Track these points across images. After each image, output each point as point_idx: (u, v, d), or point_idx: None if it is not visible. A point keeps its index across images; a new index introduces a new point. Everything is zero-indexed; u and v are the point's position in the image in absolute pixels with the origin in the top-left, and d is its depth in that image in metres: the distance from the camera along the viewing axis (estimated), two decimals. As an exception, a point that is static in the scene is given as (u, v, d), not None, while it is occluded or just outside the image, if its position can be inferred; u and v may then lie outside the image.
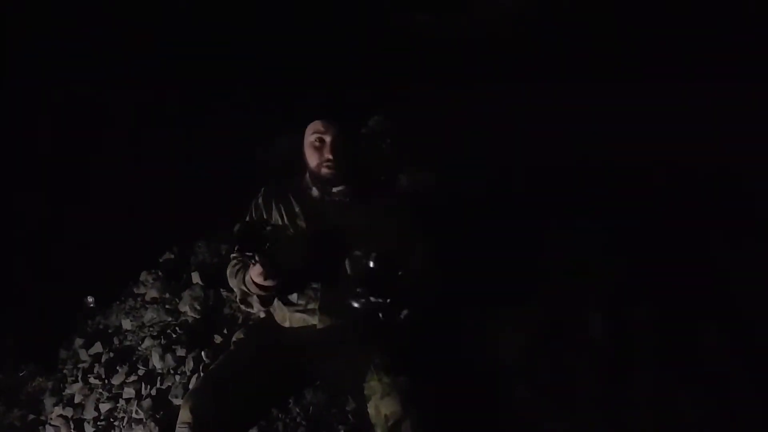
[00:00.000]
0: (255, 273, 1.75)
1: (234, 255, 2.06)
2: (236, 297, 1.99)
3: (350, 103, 2.15)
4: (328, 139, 1.89)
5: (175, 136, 4.03)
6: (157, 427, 2.23)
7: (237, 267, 1.98)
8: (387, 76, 4.42)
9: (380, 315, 1.58)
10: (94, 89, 3.81)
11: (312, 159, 1.93)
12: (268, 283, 1.76)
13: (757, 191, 2.77)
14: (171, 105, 4.07)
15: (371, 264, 1.54)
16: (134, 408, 2.35)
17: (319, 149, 1.91)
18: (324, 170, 1.90)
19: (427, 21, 5.09)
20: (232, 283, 1.99)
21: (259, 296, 1.89)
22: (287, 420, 2.16)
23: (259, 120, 4.06)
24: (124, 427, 2.32)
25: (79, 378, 2.63)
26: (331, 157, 1.88)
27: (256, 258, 1.67)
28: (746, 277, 2.36)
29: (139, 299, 3.01)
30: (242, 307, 1.98)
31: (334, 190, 1.95)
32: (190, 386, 2.35)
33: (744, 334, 2.17)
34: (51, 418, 2.48)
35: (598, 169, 3.08)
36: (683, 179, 2.97)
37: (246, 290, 1.90)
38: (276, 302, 1.92)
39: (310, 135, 1.92)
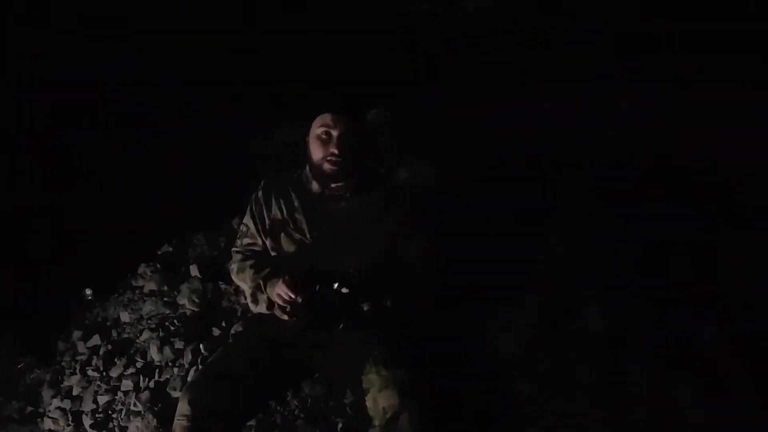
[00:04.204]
0: (283, 291, 1.77)
1: (237, 249, 2.06)
2: (245, 292, 1.99)
3: (350, 97, 2.13)
4: (335, 133, 1.85)
5: (174, 129, 4.02)
6: (155, 420, 2.24)
7: (250, 261, 1.97)
8: (388, 68, 4.41)
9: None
10: (93, 84, 3.80)
11: (316, 152, 1.88)
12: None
13: (757, 186, 2.78)
14: (169, 99, 4.06)
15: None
16: (132, 400, 2.35)
17: (325, 143, 1.86)
18: (327, 165, 1.86)
19: (430, 10, 5.06)
20: (240, 277, 1.98)
21: (270, 299, 1.89)
22: (285, 413, 2.17)
23: (259, 114, 4.05)
24: (122, 419, 2.33)
25: (78, 370, 2.62)
26: (336, 152, 1.84)
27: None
28: (746, 272, 2.36)
29: (137, 292, 3.01)
30: (249, 302, 1.97)
31: (334, 185, 1.94)
32: (189, 379, 2.36)
33: (743, 329, 2.18)
34: (49, 411, 2.48)
35: (598, 165, 3.08)
36: (684, 175, 2.97)
37: (261, 288, 1.90)
38: None
39: (318, 127, 1.88)
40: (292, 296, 1.73)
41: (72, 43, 3.67)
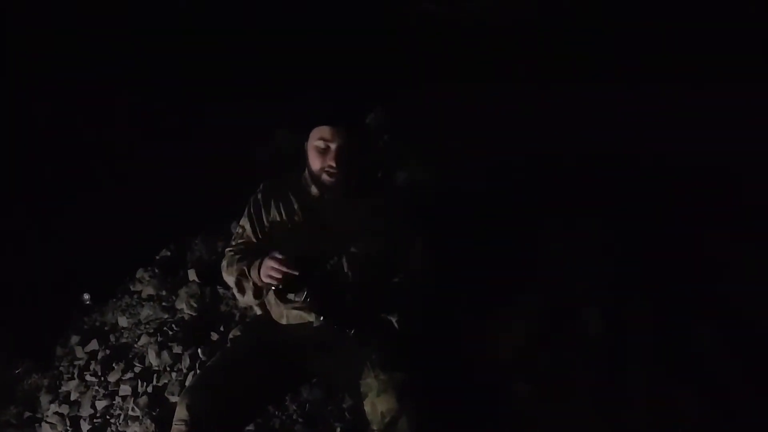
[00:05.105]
0: (269, 264, 1.72)
1: (230, 249, 2.05)
2: (232, 285, 1.98)
3: (349, 100, 2.12)
4: (333, 146, 1.84)
5: (172, 133, 4.02)
6: (153, 425, 2.23)
7: (238, 256, 1.96)
8: (388, 69, 4.40)
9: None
10: (92, 87, 3.80)
11: (314, 162, 1.89)
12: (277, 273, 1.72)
13: (757, 188, 2.77)
14: (168, 102, 4.05)
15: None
16: (130, 405, 2.35)
17: (322, 154, 1.86)
18: (325, 176, 1.87)
19: (429, 10, 5.04)
20: (229, 271, 1.97)
21: (256, 286, 1.87)
22: (284, 417, 2.16)
23: (257, 117, 4.04)
24: (120, 424, 2.32)
25: (76, 375, 2.63)
26: (334, 165, 1.84)
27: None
28: (744, 273, 2.36)
29: (135, 296, 3.00)
30: (235, 292, 1.96)
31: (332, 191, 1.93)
32: (187, 383, 2.35)
33: (741, 330, 2.17)
34: (47, 416, 2.48)
35: (598, 165, 3.07)
36: (683, 176, 2.96)
37: (245, 274, 1.88)
38: (273, 299, 1.91)
39: (316, 139, 1.87)
40: (285, 269, 1.68)
41: (72, 43, 3.67)
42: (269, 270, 1.71)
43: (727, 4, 4.06)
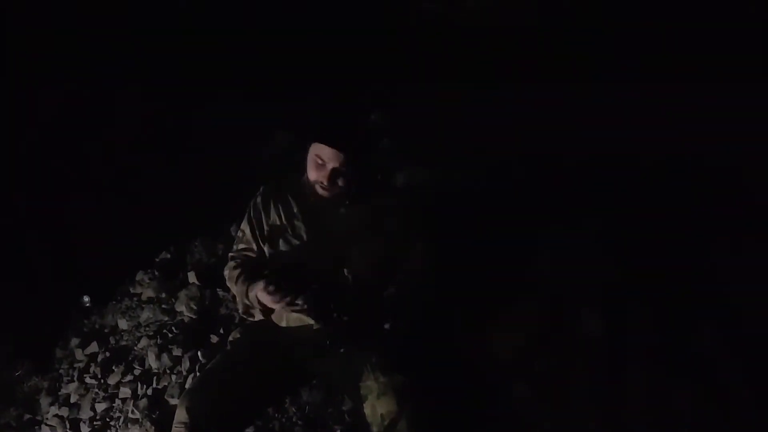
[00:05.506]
0: (265, 297, 1.76)
1: (232, 255, 2.05)
2: (237, 306, 1.99)
3: (351, 111, 2.10)
4: (329, 166, 1.81)
5: (172, 133, 4.02)
6: (153, 427, 2.23)
7: (237, 271, 1.95)
8: (388, 68, 4.39)
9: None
10: (91, 88, 3.79)
11: (311, 172, 1.86)
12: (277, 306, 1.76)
13: (756, 188, 2.77)
14: (168, 102, 4.05)
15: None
16: (130, 408, 2.34)
17: (319, 167, 1.83)
18: (318, 187, 1.86)
19: (429, 9, 5.03)
20: (230, 284, 1.98)
21: (264, 307, 1.88)
22: (283, 419, 2.16)
23: (257, 117, 4.04)
24: (120, 426, 2.32)
25: (75, 378, 2.62)
26: (325, 183, 1.82)
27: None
28: (743, 273, 2.35)
29: (135, 299, 2.99)
30: (244, 316, 1.98)
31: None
32: (187, 386, 2.35)
33: (740, 331, 2.17)
34: (47, 418, 2.48)
35: (598, 165, 3.07)
36: (682, 176, 2.96)
37: (249, 304, 1.89)
38: None
39: (314, 153, 1.84)
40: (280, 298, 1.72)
41: (72, 43, 3.67)
42: (273, 304, 1.77)
43: (727, 4, 4.06)
